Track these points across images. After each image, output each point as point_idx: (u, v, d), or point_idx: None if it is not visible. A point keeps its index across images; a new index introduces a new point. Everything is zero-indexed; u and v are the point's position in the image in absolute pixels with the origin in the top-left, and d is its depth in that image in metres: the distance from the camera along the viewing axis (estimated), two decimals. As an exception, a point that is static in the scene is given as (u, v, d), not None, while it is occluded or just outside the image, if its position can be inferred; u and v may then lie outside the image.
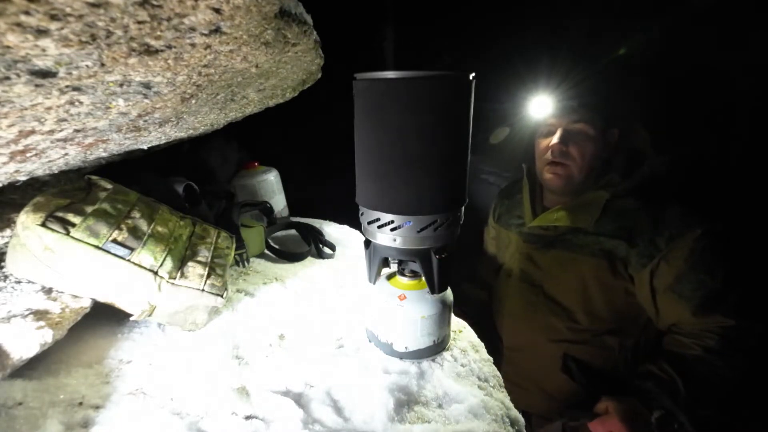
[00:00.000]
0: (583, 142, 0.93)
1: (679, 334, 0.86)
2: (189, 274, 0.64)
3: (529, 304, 1.03)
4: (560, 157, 0.94)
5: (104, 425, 0.49)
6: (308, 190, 1.44)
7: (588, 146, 0.93)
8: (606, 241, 0.91)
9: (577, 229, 0.95)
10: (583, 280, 0.94)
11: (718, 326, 0.81)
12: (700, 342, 0.81)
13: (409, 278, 0.64)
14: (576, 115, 0.92)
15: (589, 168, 0.94)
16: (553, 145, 0.94)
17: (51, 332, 0.52)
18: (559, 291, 0.99)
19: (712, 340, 0.80)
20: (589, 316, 0.96)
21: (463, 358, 0.66)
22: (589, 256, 0.93)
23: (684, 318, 0.84)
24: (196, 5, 0.34)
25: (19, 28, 0.27)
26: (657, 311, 0.89)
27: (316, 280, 0.89)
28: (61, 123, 0.44)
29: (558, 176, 0.96)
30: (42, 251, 0.54)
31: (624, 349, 0.96)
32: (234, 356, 0.63)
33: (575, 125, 0.93)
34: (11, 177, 0.58)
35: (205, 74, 0.50)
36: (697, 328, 0.83)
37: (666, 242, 0.84)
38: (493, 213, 1.23)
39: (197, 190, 0.91)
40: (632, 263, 0.88)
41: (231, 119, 0.90)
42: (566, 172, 0.95)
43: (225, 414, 0.52)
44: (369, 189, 0.55)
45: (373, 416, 0.53)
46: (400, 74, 0.48)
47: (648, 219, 0.88)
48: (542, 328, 1.02)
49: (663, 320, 0.89)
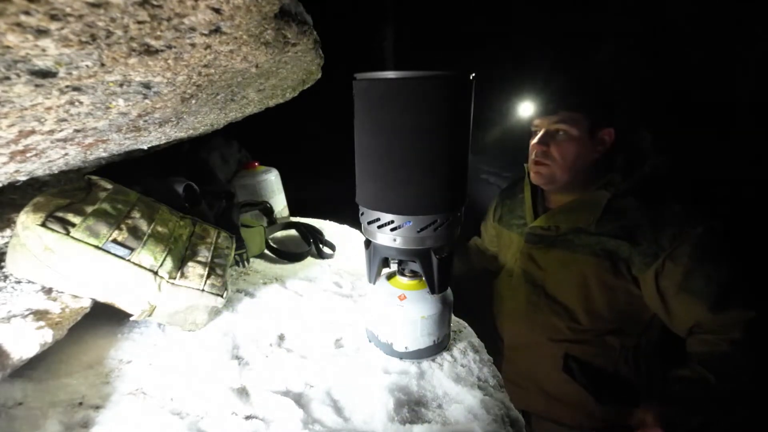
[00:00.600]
0: (565, 142, 0.94)
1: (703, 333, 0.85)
2: (189, 274, 0.64)
3: (531, 304, 1.03)
4: (541, 157, 0.98)
5: (104, 425, 0.49)
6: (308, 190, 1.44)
7: (570, 147, 0.94)
8: (608, 241, 0.91)
9: (579, 229, 0.95)
10: (585, 280, 0.94)
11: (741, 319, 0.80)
12: (726, 336, 0.80)
13: (409, 278, 0.64)
14: (557, 116, 0.94)
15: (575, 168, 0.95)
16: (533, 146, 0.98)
17: (51, 332, 0.52)
18: (561, 291, 0.99)
19: (737, 333, 0.79)
20: (591, 316, 0.96)
21: (463, 358, 0.66)
22: (590, 255, 0.93)
23: (702, 316, 0.83)
24: (196, 5, 0.34)
25: (19, 28, 0.27)
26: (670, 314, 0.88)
27: (316, 280, 0.89)
28: (61, 123, 0.44)
29: (540, 175, 0.99)
30: (42, 251, 0.54)
31: (625, 350, 0.96)
32: (234, 356, 0.63)
33: (556, 126, 0.95)
34: (11, 177, 0.58)
35: (205, 74, 0.50)
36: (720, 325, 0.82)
37: (670, 241, 0.84)
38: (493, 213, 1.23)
39: (197, 190, 0.91)
40: (636, 263, 0.88)
41: (231, 119, 0.90)
42: (548, 171, 0.97)
43: (225, 414, 0.52)
44: (369, 189, 0.55)
45: (373, 416, 0.53)
46: (399, 74, 0.48)
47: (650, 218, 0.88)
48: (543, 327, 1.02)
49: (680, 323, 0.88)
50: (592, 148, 0.94)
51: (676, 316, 0.87)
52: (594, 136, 0.93)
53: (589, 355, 0.98)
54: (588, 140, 0.93)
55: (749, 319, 0.79)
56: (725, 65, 1.27)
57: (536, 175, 1.01)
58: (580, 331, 0.98)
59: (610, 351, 0.97)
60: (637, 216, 0.89)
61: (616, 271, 0.90)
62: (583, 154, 0.94)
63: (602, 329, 0.96)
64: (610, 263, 0.90)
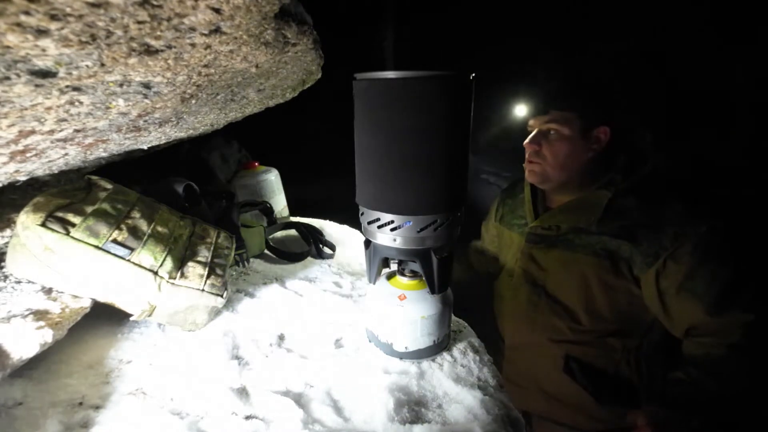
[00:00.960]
0: (557, 142, 0.95)
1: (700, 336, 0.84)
2: (189, 274, 0.64)
3: (531, 304, 1.03)
4: (534, 157, 1.00)
5: (104, 425, 0.49)
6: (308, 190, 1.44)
7: (561, 146, 0.95)
8: (609, 241, 0.90)
9: (580, 229, 0.95)
10: (585, 280, 0.94)
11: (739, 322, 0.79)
12: (724, 340, 0.80)
13: (409, 278, 0.64)
14: (549, 116, 0.95)
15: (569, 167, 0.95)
16: (525, 145, 0.98)
17: (51, 332, 0.52)
18: (561, 291, 0.99)
19: (735, 337, 0.79)
20: (591, 317, 0.96)
21: (463, 359, 0.66)
22: (591, 255, 0.92)
23: (699, 318, 0.82)
24: (196, 5, 0.34)
25: (19, 28, 0.27)
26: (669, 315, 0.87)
27: (316, 280, 0.89)
28: (61, 123, 0.44)
29: (533, 174, 1.01)
30: (42, 251, 0.54)
31: (627, 351, 0.96)
32: (234, 356, 0.63)
33: (548, 125, 0.96)
34: (11, 177, 0.58)
35: (205, 74, 0.50)
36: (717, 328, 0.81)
37: (671, 240, 0.84)
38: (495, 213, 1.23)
39: (197, 190, 0.91)
40: (637, 263, 0.88)
41: (231, 119, 0.90)
42: (540, 169, 0.99)
43: (225, 414, 0.51)
44: (369, 189, 0.55)
45: (373, 416, 0.53)
46: (399, 74, 0.48)
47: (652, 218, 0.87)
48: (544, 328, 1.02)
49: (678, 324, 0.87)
50: (585, 146, 0.94)
51: (674, 317, 0.86)
52: (587, 135, 0.93)
53: (590, 357, 0.98)
54: (580, 139, 0.93)
55: (747, 323, 0.78)
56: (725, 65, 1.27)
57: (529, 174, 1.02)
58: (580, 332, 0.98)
59: (611, 352, 0.96)
60: (639, 215, 0.89)
61: (617, 271, 0.90)
62: (575, 153, 0.94)
63: (603, 330, 0.96)
64: (610, 263, 0.90)
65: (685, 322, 0.85)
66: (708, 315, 0.81)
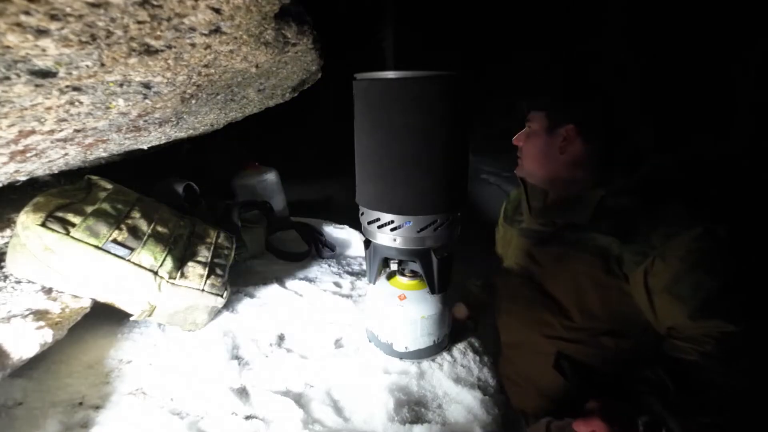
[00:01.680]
0: (531, 138, 1.02)
1: (677, 339, 0.85)
2: (189, 274, 0.64)
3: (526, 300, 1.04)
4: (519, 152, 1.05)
5: (104, 425, 0.49)
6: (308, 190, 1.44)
7: (534, 142, 1.02)
8: (600, 238, 0.91)
9: (573, 226, 0.96)
10: (577, 277, 0.94)
11: (718, 331, 0.80)
12: (698, 347, 0.80)
13: (409, 278, 0.63)
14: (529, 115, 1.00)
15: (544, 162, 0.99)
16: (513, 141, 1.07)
17: (51, 332, 0.52)
18: (555, 287, 1.00)
19: (710, 345, 0.79)
20: (584, 315, 0.96)
21: (463, 359, 0.66)
22: (583, 252, 0.93)
23: (680, 321, 0.83)
24: (196, 5, 0.34)
25: (19, 28, 0.27)
26: (654, 313, 0.88)
27: (316, 280, 0.89)
28: (61, 123, 0.44)
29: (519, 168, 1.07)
30: (42, 251, 0.54)
31: (621, 351, 0.96)
32: (234, 356, 0.63)
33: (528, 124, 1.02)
34: (11, 177, 0.58)
35: (205, 74, 0.50)
36: (695, 333, 0.82)
37: (661, 240, 0.84)
38: (503, 212, 1.25)
39: (197, 190, 0.91)
40: (626, 261, 0.88)
41: (231, 119, 0.90)
42: (522, 165, 1.04)
43: (225, 414, 0.52)
44: (369, 189, 0.55)
45: (373, 416, 0.53)
46: (399, 74, 0.48)
47: (645, 217, 0.88)
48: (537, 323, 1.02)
49: (661, 323, 0.88)
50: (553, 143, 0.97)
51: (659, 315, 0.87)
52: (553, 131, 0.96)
53: (583, 355, 0.98)
54: (548, 136, 0.97)
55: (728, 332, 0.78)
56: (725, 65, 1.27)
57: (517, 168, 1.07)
58: (573, 330, 0.98)
59: (605, 352, 0.97)
60: (633, 214, 0.89)
61: (608, 269, 0.90)
62: (546, 149, 0.98)
63: (596, 329, 0.96)
64: (601, 261, 0.90)
65: (668, 321, 0.86)
66: (690, 319, 0.81)
